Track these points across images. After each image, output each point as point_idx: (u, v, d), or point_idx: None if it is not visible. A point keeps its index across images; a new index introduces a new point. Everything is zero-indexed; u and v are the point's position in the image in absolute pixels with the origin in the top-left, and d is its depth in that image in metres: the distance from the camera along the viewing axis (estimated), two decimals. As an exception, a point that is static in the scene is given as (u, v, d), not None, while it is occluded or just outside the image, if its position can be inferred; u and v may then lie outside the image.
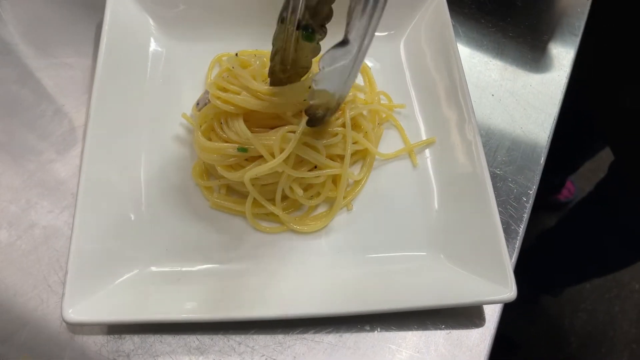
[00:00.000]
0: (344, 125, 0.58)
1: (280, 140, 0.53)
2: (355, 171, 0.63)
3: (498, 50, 0.78)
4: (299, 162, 0.57)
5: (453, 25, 0.68)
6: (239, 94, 0.55)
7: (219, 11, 0.69)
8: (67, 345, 0.51)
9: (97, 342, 0.51)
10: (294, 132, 0.54)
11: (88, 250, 0.51)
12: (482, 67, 0.76)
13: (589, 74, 0.94)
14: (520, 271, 0.60)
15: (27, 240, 0.56)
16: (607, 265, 1.31)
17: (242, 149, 0.53)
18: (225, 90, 0.56)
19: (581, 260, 1.33)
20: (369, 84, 0.69)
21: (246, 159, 0.55)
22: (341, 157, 0.59)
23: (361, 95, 0.67)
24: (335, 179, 0.59)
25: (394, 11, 0.71)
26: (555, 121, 0.71)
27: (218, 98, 0.55)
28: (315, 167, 0.57)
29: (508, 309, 0.57)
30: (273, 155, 0.53)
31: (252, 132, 0.55)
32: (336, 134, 0.57)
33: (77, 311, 0.47)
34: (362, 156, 0.64)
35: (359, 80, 0.70)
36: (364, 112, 0.62)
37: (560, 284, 1.55)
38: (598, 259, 1.29)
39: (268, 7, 0.69)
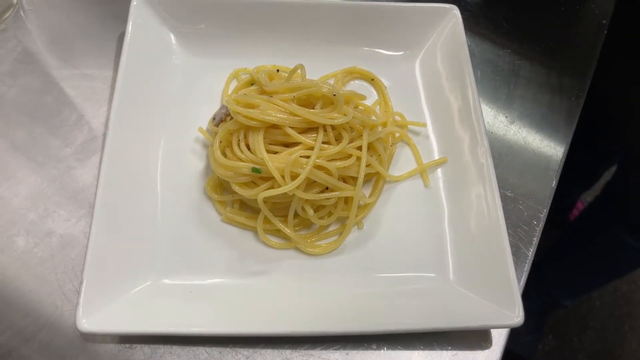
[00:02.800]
0: (359, 148, 0.59)
1: (292, 165, 0.54)
2: (365, 190, 0.63)
3: (513, 72, 0.78)
4: (310, 183, 0.57)
5: (468, 46, 0.68)
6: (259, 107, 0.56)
7: (239, 30, 0.70)
8: (80, 352, 0.52)
9: (108, 351, 0.53)
10: (307, 156, 0.55)
11: (103, 261, 0.52)
12: (496, 89, 0.76)
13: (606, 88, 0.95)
14: (529, 284, 0.60)
15: (44, 247, 0.57)
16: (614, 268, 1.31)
17: (256, 170, 0.54)
18: (248, 105, 0.57)
19: (587, 265, 1.33)
20: (385, 103, 0.70)
21: (260, 177, 0.56)
22: (353, 179, 0.59)
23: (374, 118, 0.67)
24: (347, 199, 0.60)
25: (410, 31, 0.72)
26: (568, 145, 0.71)
27: (238, 113, 0.56)
28: (327, 187, 0.58)
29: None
30: (284, 178, 0.54)
31: (268, 149, 0.56)
32: (350, 156, 0.58)
33: (91, 321, 0.48)
34: (373, 176, 0.64)
35: (373, 96, 0.71)
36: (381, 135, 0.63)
37: (570, 294, 1.54)
38: (605, 262, 1.28)
39: (285, 24, 0.70)
